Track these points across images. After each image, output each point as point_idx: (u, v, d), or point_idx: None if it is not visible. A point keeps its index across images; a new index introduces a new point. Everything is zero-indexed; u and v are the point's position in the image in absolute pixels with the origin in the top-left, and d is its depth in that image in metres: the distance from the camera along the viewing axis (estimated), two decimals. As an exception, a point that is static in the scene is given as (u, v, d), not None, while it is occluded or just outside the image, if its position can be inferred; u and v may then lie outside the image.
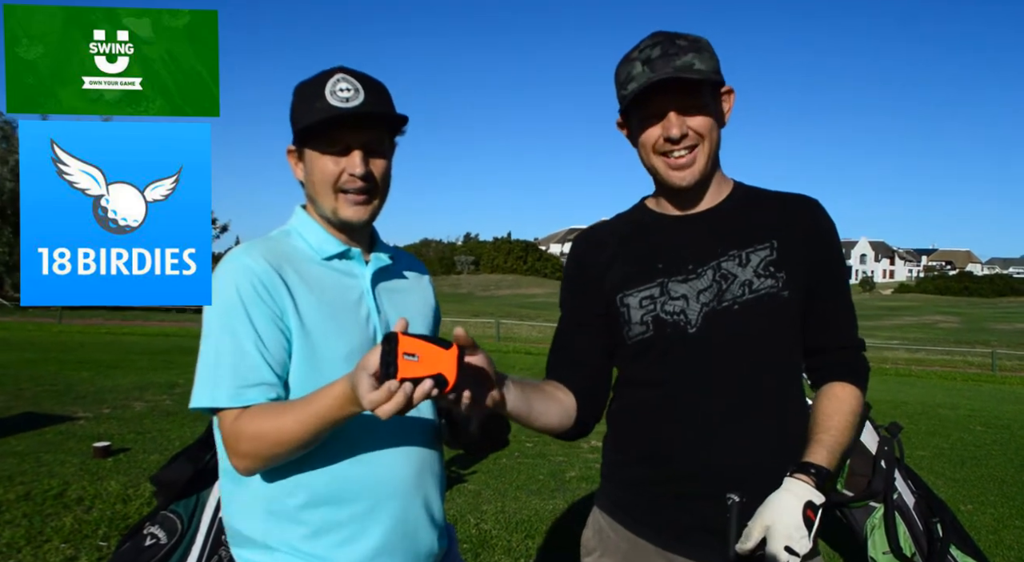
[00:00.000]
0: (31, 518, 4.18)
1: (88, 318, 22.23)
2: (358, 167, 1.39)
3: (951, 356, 23.28)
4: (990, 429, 9.04)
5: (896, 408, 10.38)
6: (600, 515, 1.63)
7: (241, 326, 1.32)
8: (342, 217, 1.43)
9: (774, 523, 1.29)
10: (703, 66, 1.42)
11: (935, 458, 7.14)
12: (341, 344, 1.38)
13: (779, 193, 1.58)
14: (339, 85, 1.37)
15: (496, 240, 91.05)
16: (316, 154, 1.41)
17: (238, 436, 1.29)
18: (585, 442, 6.93)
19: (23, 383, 9.20)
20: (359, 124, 1.39)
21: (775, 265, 1.48)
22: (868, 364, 1.56)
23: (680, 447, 1.47)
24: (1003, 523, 5.07)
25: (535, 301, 51.20)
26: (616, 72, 1.49)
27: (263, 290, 1.34)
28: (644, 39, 1.47)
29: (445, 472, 1.58)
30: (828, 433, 1.42)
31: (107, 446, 5.73)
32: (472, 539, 4.24)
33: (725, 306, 1.46)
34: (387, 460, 1.40)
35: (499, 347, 18.03)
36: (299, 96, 1.43)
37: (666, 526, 1.50)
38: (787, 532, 1.28)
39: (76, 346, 14.20)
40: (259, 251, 1.39)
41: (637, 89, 1.41)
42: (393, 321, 1.45)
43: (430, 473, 1.48)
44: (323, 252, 1.45)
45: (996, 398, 12.93)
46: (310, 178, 1.44)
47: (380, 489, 1.39)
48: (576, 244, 1.67)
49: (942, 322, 46.18)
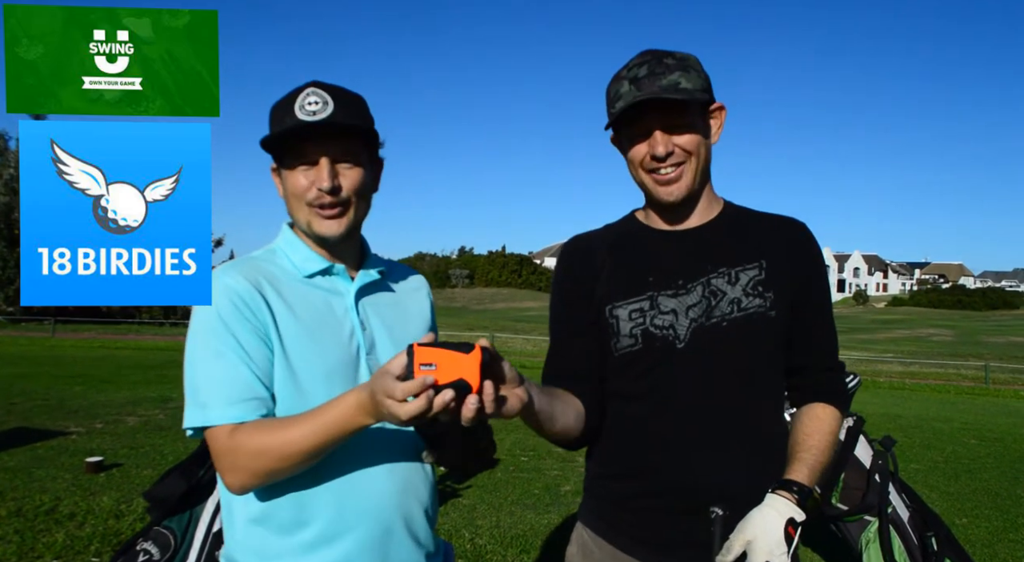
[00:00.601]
0: (23, 534, 4.15)
1: (81, 332, 22.15)
2: (324, 180, 1.37)
3: (944, 369, 23.35)
4: (984, 442, 9.06)
5: (890, 421, 10.40)
6: (584, 530, 1.63)
7: (226, 344, 1.31)
8: (316, 232, 1.42)
9: (756, 538, 1.30)
10: (689, 84, 1.43)
11: (929, 471, 7.15)
12: (320, 363, 1.37)
13: (768, 214, 1.60)
14: (308, 99, 1.37)
15: (491, 254, 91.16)
16: (289, 169, 1.40)
17: (236, 451, 1.28)
18: (580, 456, 6.86)
19: (15, 397, 9.15)
20: (326, 136, 1.37)
21: (763, 285, 1.49)
22: (847, 387, 1.60)
23: (665, 462, 1.47)
24: (997, 536, 5.07)
25: (529, 315, 51.21)
26: (606, 90, 1.51)
27: (244, 307, 1.33)
28: (633, 58, 1.49)
29: (436, 489, 1.55)
30: (809, 452, 1.44)
31: (100, 461, 5.70)
32: (467, 554, 4.22)
33: (714, 323, 1.47)
34: (365, 477, 1.37)
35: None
36: (272, 114, 1.42)
37: (650, 540, 1.50)
38: (768, 547, 1.29)
39: (69, 360, 14.13)
40: (239, 270, 1.39)
41: (623, 108, 1.43)
42: (380, 337, 1.46)
43: (414, 491, 1.44)
44: (305, 270, 1.44)
45: (989, 411, 12.96)
46: (285, 193, 1.43)
47: (354, 507, 1.36)
48: (566, 253, 1.66)
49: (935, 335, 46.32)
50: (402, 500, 1.41)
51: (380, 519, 1.38)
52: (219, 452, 1.30)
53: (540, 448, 7.29)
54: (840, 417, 1.52)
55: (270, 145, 1.40)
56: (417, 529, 1.45)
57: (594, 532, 1.59)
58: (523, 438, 7.80)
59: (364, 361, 1.42)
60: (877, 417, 10.58)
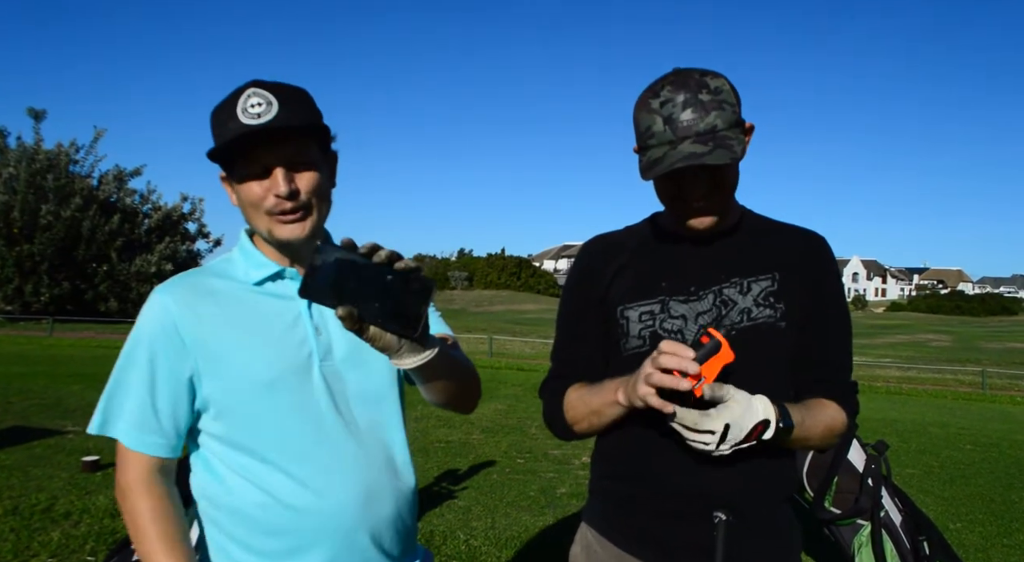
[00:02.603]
0: (18, 533, 4.16)
1: (79, 331, 22.10)
2: (281, 186, 1.29)
3: (942, 374, 23.32)
4: (979, 447, 9.06)
5: (887, 426, 10.40)
6: (588, 530, 1.63)
7: (142, 368, 1.35)
8: (279, 238, 1.35)
9: (734, 423, 1.29)
10: (724, 123, 1.36)
11: (925, 476, 7.16)
12: (263, 372, 1.32)
13: (786, 225, 1.59)
14: (250, 101, 1.29)
15: (490, 256, 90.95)
16: (239, 177, 1.33)
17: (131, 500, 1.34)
18: (576, 458, 6.93)
19: (12, 396, 9.14)
20: (275, 140, 1.29)
21: (775, 296, 1.49)
22: (857, 404, 1.57)
23: (669, 465, 1.48)
24: (991, 542, 5.08)
25: (528, 317, 51.16)
26: (635, 116, 1.43)
27: (171, 328, 1.34)
28: (666, 80, 1.39)
29: (415, 496, 1.49)
30: (808, 414, 1.43)
31: (96, 460, 5.71)
32: (462, 556, 4.23)
33: (723, 331, 1.47)
34: (322, 490, 1.33)
35: (491, 363, 17.98)
36: (214, 119, 1.34)
37: (654, 543, 1.51)
38: (736, 435, 1.30)
39: (66, 359, 14.11)
40: (179, 286, 1.37)
41: (661, 170, 1.35)
42: (338, 343, 1.39)
43: (379, 501, 1.37)
44: (253, 278, 1.39)
45: (986, 416, 12.96)
46: (240, 202, 1.36)
47: (311, 523, 1.32)
48: (585, 253, 1.65)
49: (934, 340, 46.31)
50: (366, 513, 1.35)
51: (342, 534, 1.33)
52: (119, 469, 1.37)
53: (536, 450, 7.30)
54: (846, 423, 1.50)
55: (217, 155, 1.32)
56: (387, 541, 1.40)
57: (598, 533, 1.60)
58: (519, 440, 7.81)
59: (317, 368, 1.36)
60: (874, 421, 10.59)
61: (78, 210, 26.47)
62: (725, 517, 1.42)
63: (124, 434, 1.35)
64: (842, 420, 1.49)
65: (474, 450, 7.20)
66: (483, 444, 7.53)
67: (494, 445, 7.51)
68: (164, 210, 30.04)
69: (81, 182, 27.37)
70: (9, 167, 25.95)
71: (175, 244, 29.50)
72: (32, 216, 25.94)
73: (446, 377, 1.35)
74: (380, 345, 1.16)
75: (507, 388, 12.39)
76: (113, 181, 28.85)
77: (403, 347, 1.16)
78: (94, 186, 28.14)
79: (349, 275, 1.09)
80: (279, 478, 1.32)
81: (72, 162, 27.76)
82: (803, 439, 1.42)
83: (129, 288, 27.62)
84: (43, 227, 25.85)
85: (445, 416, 8.77)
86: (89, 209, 26.86)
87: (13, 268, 25.72)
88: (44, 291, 25.94)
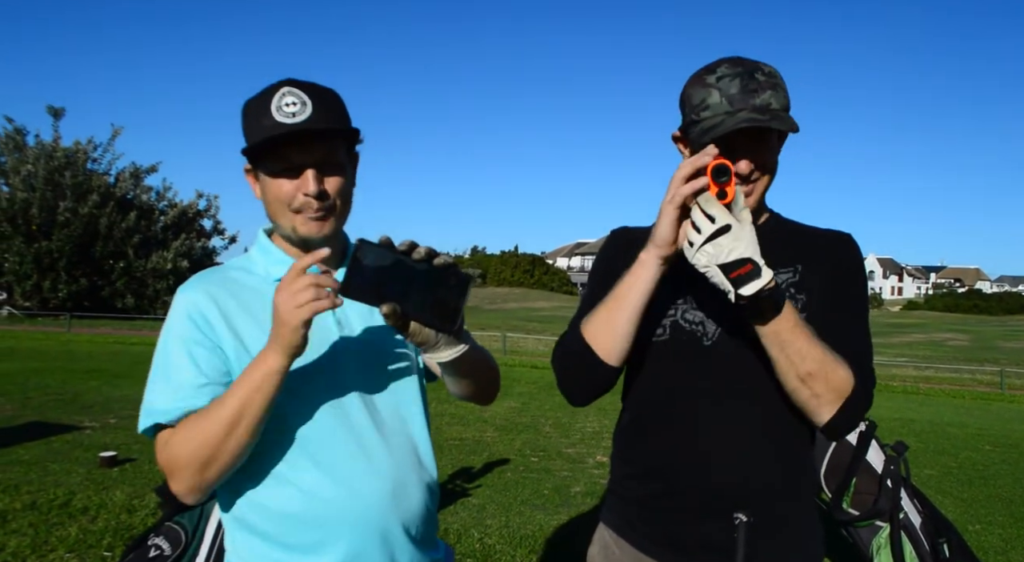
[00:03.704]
0: (37, 527, 4.20)
1: (96, 327, 22.31)
2: (311, 187, 1.32)
3: (960, 374, 23.13)
4: (998, 448, 8.98)
5: (904, 426, 10.33)
6: (606, 531, 1.62)
7: (177, 357, 1.32)
8: (302, 234, 1.37)
9: (733, 233, 1.26)
10: (778, 105, 1.39)
11: (943, 477, 7.10)
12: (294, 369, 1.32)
13: (814, 228, 1.58)
14: (285, 99, 1.31)
15: (503, 253, 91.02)
16: (269, 173, 1.35)
17: (175, 458, 1.28)
18: (590, 457, 6.91)
19: (31, 392, 9.25)
20: (308, 141, 1.32)
21: (795, 287, 1.48)
22: (872, 397, 1.49)
23: (688, 463, 1.47)
24: (1011, 544, 5.03)
25: (542, 315, 51.19)
26: (687, 93, 1.45)
27: (202, 320, 1.33)
28: (722, 61, 1.43)
29: (437, 489, 1.51)
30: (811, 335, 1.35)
31: (113, 456, 5.75)
32: (476, 554, 4.22)
33: (744, 323, 1.46)
34: (352, 481, 1.33)
35: (505, 360, 18.00)
36: (247, 114, 1.36)
37: (674, 544, 1.49)
38: (729, 246, 1.25)
39: (84, 355, 14.25)
40: (203, 283, 1.38)
41: (727, 129, 1.35)
42: (360, 337, 1.41)
43: (405, 492, 1.39)
44: (274, 274, 1.40)
45: (1005, 417, 12.84)
46: (265, 199, 1.38)
47: (343, 515, 1.32)
48: (611, 243, 1.64)
49: (951, 340, 45.94)
50: (394, 504, 1.36)
51: (372, 526, 1.34)
52: (159, 461, 1.30)
53: (550, 449, 7.29)
54: (852, 384, 1.38)
55: (250, 151, 1.35)
56: (415, 531, 1.41)
57: (616, 533, 1.59)
58: (533, 438, 7.80)
59: (340, 361, 1.38)
60: (891, 421, 10.51)
61: (95, 207, 26.74)
62: (746, 519, 1.40)
63: (166, 413, 1.30)
64: (846, 377, 1.37)
65: (488, 448, 7.20)
66: (497, 442, 7.53)
67: (508, 443, 7.51)
68: (180, 207, 30.30)
69: (98, 179, 27.65)
70: (28, 164, 26.25)
71: (191, 241, 29.73)
72: (50, 213, 26.23)
73: (474, 370, 1.38)
74: (419, 339, 1.18)
75: (521, 386, 12.38)
76: (130, 178, 29.13)
77: (440, 341, 1.20)
78: (111, 183, 28.43)
79: (390, 272, 1.11)
80: (308, 471, 1.33)
81: (90, 159, 28.05)
82: (784, 339, 1.32)
83: (145, 285, 27.88)
84: (61, 224, 26.13)
85: (459, 413, 8.79)
86: (106, 206, 27.13)
87: (32, 264, 26.01)
88: (62, 287, 26.22)
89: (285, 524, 1.33)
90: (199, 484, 1.28)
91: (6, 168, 26.68)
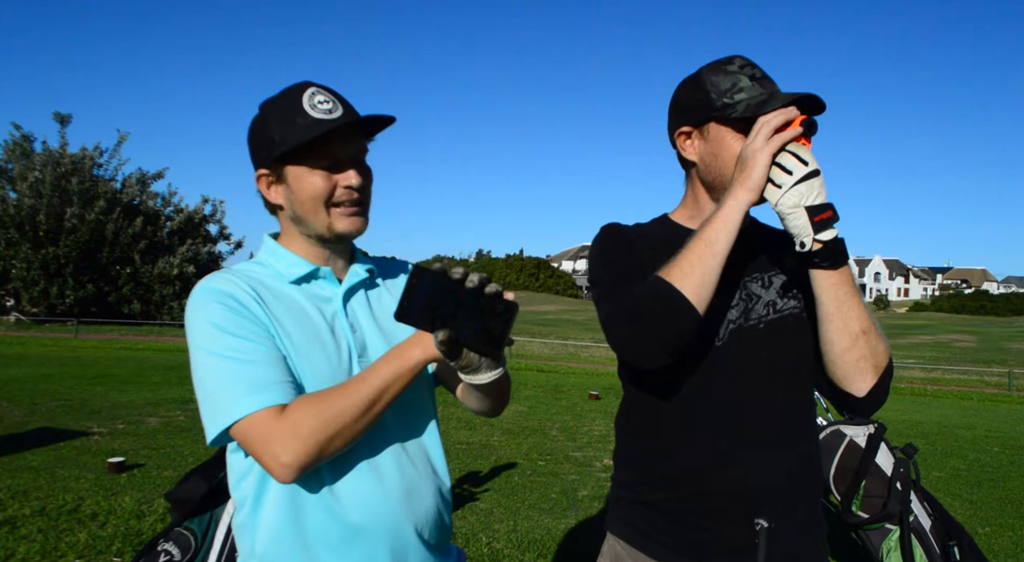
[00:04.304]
0: (46, 533, 4.21)
1: (103, 333, 22.39)
2: (354, 179, 1.35)
3: (967, 375, 23.05)
4: (1007, 450, 8.93)
5: (912, 428, 10.29)
6: (616, 542, 1.57)
7: (227, 343, 1.25)
8: (338, 230, 1.38)
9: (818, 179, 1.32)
10: None
11: (952, 479, 7.06)
12: (310, 374, 1.32)
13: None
14: (316, 98, 1.33)
15: (508, 257, 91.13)
16: (304, 171, 1.35)
17: (295, 425, 1.20)
18: (597, 460, 6.90)
19: (39, 398, 9.27)
20: (348, 135, 1.36)
21: (797, 287, 1.50)
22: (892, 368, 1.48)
23: (703, 464, 1.45)
24: (1022, 546, 5.00)
25: (547, 318, 51.14)
26: (711, 81, 1.47)
27: (237, 305, 1.29)
28: (730, 57, 1.48)
29: (449, 492, 1.51)
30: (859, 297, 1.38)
31: (121, 462, 5.76)
32: (484, 558, 4.22)
33: (751, 324, 1.47)
34: (367, 484, 1.34)
35: (511, 364, 18.00)
36: (270, 116, 1.36)
37: (692, 549, 1.46)
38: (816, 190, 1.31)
39: (91, 361, 14.29)
40: (224, 275, 1.35)
41: (790, 98, 1.39)
42: (372, 338, 1.41)
43: (419, 495, 1.40)
44: (290, 276, 1.40)
45: (1013, 418, 12.78)
46: (298, 197, 1.37)
47: (360, 517, 1.32)
48: (611, 234, 1.60)
49: (958, 341, 45.73)
50: (408, 508, 1.37)
51: (386, 529, 1.34)
52: (266, 436, 1.20)
53: (557, 453, 7.28)
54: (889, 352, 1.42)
55: (293, 149, 1.32)
56: (428, 535, 1.41)
57: (628, 543, 1.54)
58: (540, 442, 7.80)
59: (356, 364, 1.38)
60: (899, 424, 10.47)
61: (102, 213, 26.83)
62: (767, 524, 1.39)
63: (249, 406, 1.21)
64: (886, 346, 1.41)
65: (495, 452, 7.20)
66: (504, 446, 7.53)
67: (515, 447, 7.50)
68: (186, 212, 30.37)
69: (105, 185, 27.75)
70: (35, 171, 26.35)
71: (197, 246, 29.81)
72: (57, 219, 26.33)
73: (500, 389, 1.39)
74: (464, 363, 1.20)
75: (527, 390, 12.38)
76: (136, 184, 29.22)
77: (483, 365, 1.22)
78: (117, 189, 28.52)
79: (445, 299, 1.15)
80: (324, 473, 1.32)
81: (96, 166, 28.16)
82: (845, 291, 1.35)
83: (152, 290, 27.95)
84: (68, 230, 26.23)
85: (465, 418, 8.78)
86: (112, 212, 27.22)
87: (39, 271, 26.09)
88: (69, 293, 26.30)
89: (304, 526, 1.33)
90: (313, 457, 1.21)
91: (13, 175, 26.79)
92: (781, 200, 1.32)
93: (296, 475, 1.21)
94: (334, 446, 1.23)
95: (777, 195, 1.33)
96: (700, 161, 1.52)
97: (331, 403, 1.23)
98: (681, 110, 1.53)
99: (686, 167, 1.59)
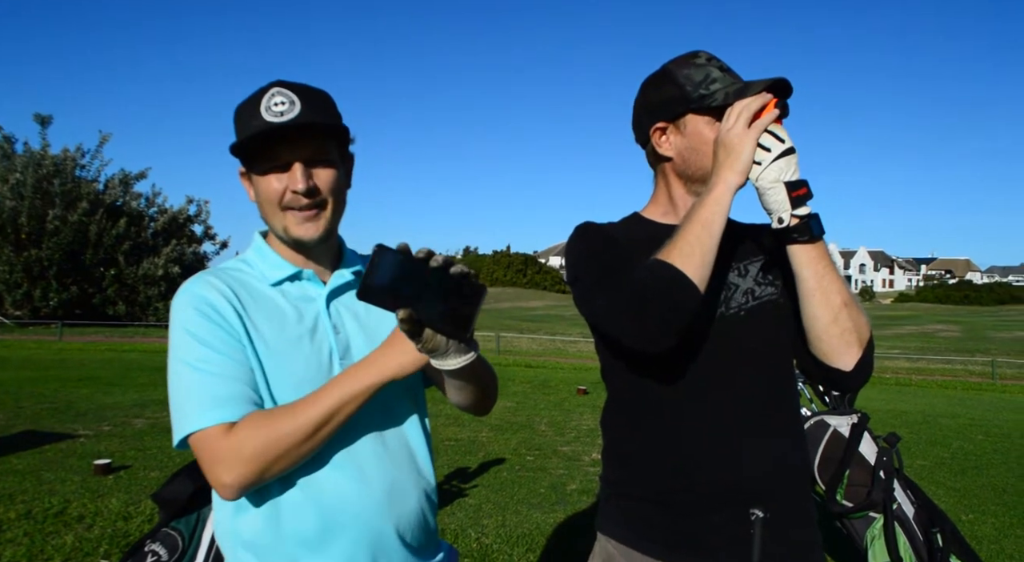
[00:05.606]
0: (32, 536, 4.18)
1: (88, 335, 22.21)
2: (299, 182, 1.32)
3: (951, 365, 23.28)
4: (990, 438, 9.04)
5: (896, 417, 10.38)
6: (608, 542, 1.55)
7: (198, 356, 1.28)
8: (293, 235, 1.37)
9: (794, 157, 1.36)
10: None
11: (935, 467, 7.14)
12: (289, 375, 1.33)
13: (757, 224, 1.61)
14: (273, 100, 1.32)
15: (495, 253, 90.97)
16: (259, 174, 1.36)
17: (238, 446, 1.22)
18: (586, 455, 6.92)
19: (23, 401, 9.20)
20: (296, 137, 1.32)
21: (772, 274, 1.51)
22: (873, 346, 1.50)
23: (695, 456, 1.44)
24: (1004, 533, 5.06)
25: (535, 314, 51.18)
26: (684, 74, 1.48)
27: (213, 313, 1.30)
28: (694, 52, 1.50)
29: (434, 491, 1.50)
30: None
31: (108, 463, 5.73)
32: (473, 554, 4.23)
33: (732, 313, 1.47)
34: (345, 484, 1.33)
35: (499, 360, 18.00)
36: (238, 117, 1.37)
37: (688, 544, 1.45)
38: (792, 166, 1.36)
39: (76, 363, 14.18)
40: (207, 278, 1.36)
41: (763, 86, 1.41)
42: (355, 339, 1.41)
43: (402, 495, 1.39)
44: (271, 278, 1.40)
45: (996, 407, 12.92)
46: (258, 199, 1.39)
47: (336, 517, 1.32)
48: (597, 226, 1.61)
49: (942, 331, 46.13)
50: (390, 507, 1.36)
51: (367, 528, 1.34)
52: (212, 454, 1.24)
53: (545, 448, 7.30)
54: (869, 325, 1.45)
55: (238, 150, 1.35)
56: (410, 536, 1.40)
57: (620, 542, 1.52)
58: (528, 438, 7.81)
59: (337, 365, 1.37)
60: (883, 413, 10.57)
61: (85, 214, 26.61)
62: (762, 514, 1.39)
63: (200, 421, 1.24)
64: (867, 319, 1.44)
65: (483, 448, 7.20)
66: (492, 442, 7.53)
67: (503, 443, 7.51)
68: (170, 213, 30.16)
69: (87, 186, 27.51)
70: (16, 173, 26.08)
71: (182, 246, 29.62)
72: (39, 221, 26.09)
73: (477, 379, 1.37)
74: (430, 346, 1.18)
75: (515, 385, 12.39)
76: (119, 185, 28.98)
77: (450, 348, 1.20)
78: (100, 190, 28.28)
79: (407, 278, 1.13)
80: (304, 472, 1.32)
81: (78, 167, 27.90)
82: (823, 266, 1.38)
83: (136, 292, 27.75)
84: (50, 232, 25.99)
85: (454, 414, 8.78)
86: (96, 213, 26.99)
87: (22, 273, 25.86)
88: (53, 296, 26.08)
89: (279, 528, 1.32)
90: (254, 479, 1.24)
91: (-6, 177, 26.51)
92: (762, 175, 1.36)
93: (237, 494, 1.26)
94: (278, 467, 1.25)
95: (758, 171, 1.36)
96: (678, 155, 1.52)
97: (278, 425, 1.24)
98: (654, 107, 1.53)
99: (657, 164, 1.59)
